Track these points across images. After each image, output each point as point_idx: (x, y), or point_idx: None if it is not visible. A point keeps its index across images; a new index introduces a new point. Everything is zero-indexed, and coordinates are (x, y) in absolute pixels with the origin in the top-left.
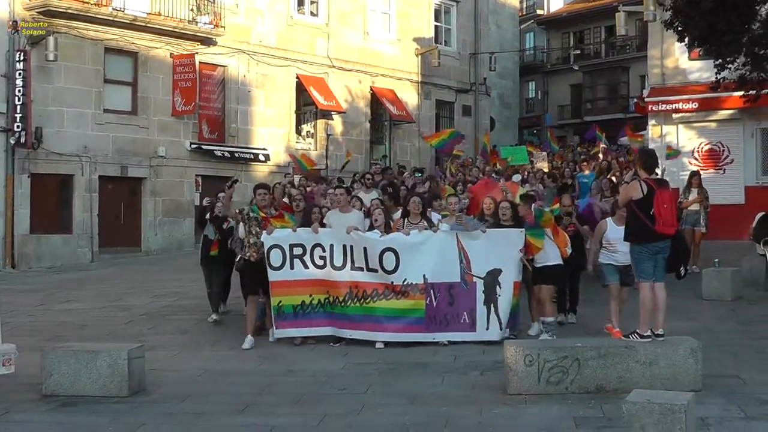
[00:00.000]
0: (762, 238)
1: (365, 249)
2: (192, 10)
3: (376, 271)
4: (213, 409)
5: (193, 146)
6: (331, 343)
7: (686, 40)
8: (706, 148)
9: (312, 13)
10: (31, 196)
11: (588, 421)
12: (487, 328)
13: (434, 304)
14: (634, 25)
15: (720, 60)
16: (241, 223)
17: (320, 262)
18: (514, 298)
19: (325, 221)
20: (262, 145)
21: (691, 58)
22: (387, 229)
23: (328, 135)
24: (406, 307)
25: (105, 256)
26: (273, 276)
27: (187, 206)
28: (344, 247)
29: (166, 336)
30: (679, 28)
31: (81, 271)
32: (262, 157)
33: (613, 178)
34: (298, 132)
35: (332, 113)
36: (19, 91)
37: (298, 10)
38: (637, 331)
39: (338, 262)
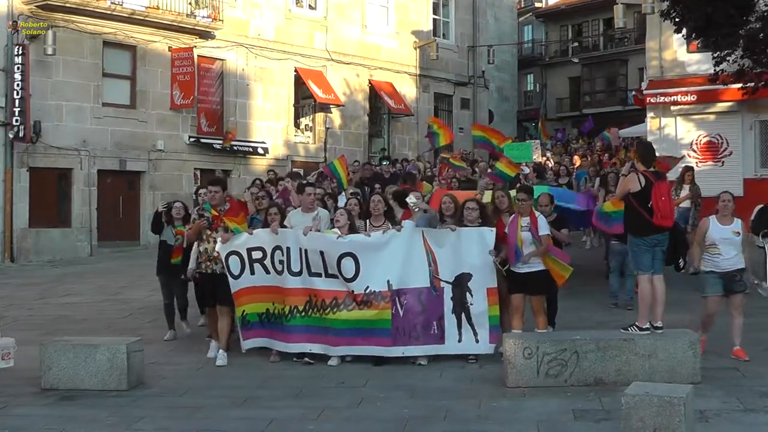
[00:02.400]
0: (760, 231)
1: (322, 253)
2: (190, 3)
3: (336, 277)
4: (212, 403)
5: (192, 140)
6: (295, 359)
7: (684, 31)
8: (705, 140)
9: (310, 7)
10: (29, 190)
11: (587, 413)
12: (459, 340)
13: (401, 313)
14: (632, 18)
15: (718, 52)
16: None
17: (279, 267)
18: (492, 307)
19: (286, 223)
20: (260, 138)
21: (689, 51)
22: (352, 231)
23: (327, 128)
24: (369, 318)
25: (104, 250)
26: (234, 285)
27: (185, 200)
28: (300, 250)
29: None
30: (677, 19)
31: (80, 265)
32: (261, 151)
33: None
34: (297, 125)
35: (331, 107)
36: (18, 85)
37: (297, 4)
38: (636, 323)
39: (295, 267)
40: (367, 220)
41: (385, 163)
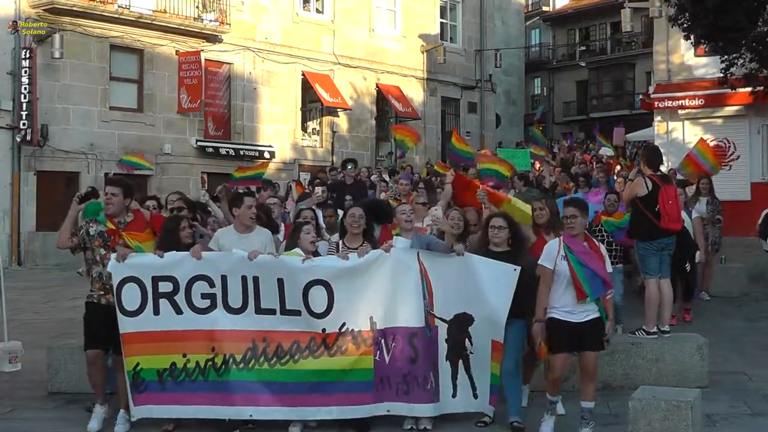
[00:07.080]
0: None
1: (281, 281)
2: (197, 7)
3: (298, 313)
4: None
5: (199, 143)
6: None
7: (692, 38)
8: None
9: (317, 10)
10: (37, 194)
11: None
12: (454, 395)
13: (387, 359)
14: (639, 22)
15: (726, 57)
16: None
17: (204, 303)
18: (494, 364)
19: (211, 245)
20: (267, 142)
21: (696, 55)
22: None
23: (334, 132)
24: (345, 367)
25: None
26: (126, 326)
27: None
28: (245, 279)
29: None
30: (684, 25)
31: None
32: (267, 155)
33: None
34: (304, 129)
35: (338, 110)
36: (25, 88)
37: (304, 7)
38: (643, 327)
39: (236, 302)
40: (342, 240)
41: (349, 166)
